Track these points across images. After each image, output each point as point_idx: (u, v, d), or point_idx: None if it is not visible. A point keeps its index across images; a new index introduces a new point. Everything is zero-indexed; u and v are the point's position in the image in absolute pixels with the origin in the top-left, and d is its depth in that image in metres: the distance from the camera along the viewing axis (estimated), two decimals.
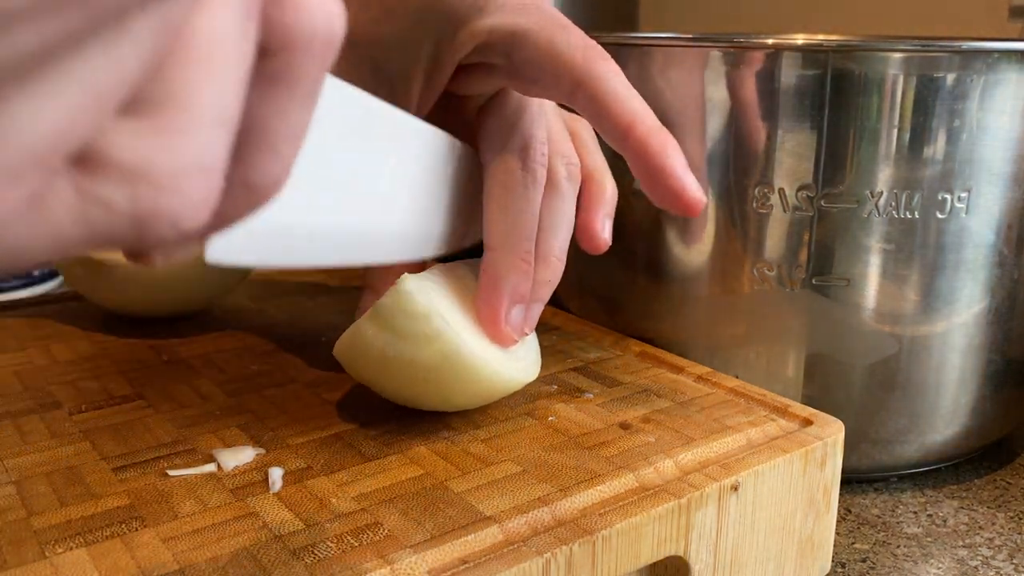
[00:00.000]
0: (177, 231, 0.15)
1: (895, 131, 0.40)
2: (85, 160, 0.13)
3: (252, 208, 0.17)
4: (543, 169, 0.35)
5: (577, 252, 0.37)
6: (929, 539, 0.41)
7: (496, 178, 0.35)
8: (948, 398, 0.44)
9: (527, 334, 0.36)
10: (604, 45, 0.49)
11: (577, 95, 0.32)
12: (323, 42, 0.17)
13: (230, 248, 0.20)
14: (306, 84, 0.17)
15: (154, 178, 0.14)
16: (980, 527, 0.42)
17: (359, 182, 0.27)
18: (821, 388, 0.43)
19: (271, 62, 0.16)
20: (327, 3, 0.17)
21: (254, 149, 0.16)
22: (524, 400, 0.38)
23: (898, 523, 0.42)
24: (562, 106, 0.37)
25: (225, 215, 0.16)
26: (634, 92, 0.32)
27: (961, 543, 0.40)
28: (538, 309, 0.36)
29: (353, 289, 0.54)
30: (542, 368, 0.41)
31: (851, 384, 0.43)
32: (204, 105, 0.14)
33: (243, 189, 0.16)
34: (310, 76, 0.17)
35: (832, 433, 0.35)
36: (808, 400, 0.43)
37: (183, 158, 0.14)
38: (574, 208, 0.37)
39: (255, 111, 0.16)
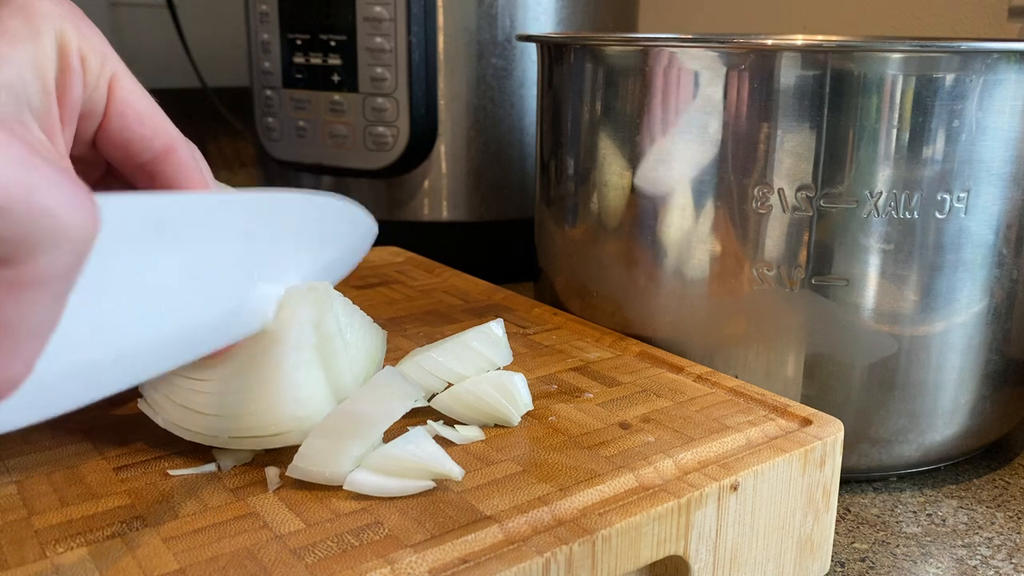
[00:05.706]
0: None
1: (894, 131, 0.40)
2: None
3: None
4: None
5: (576, 252, 0.37)
6: (928, 539, 0.41)
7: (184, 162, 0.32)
8: (947, 398, 0.44)
9: None
10: (604, 45, 0.49)
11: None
12: (74, 241, 0.15)
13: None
14: (54, 285, 0.15)
15: None
16: (979, 527, 0.42)
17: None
18: (820, 388, 0.43)
19: (8, 270, 0.15)
20: (74, 202, 0.15)
21: None
22: None
23: (897, 523, 0.42)
24: None
25: None
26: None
27: (960, 543, 0.41)
28: None
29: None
30: (542, 368, 0.41)
31: (850, 384, 0.43)
32: None
33: None
34: (59, 276, 0.15)
35: (831, 433, 0.35)
36: (807, 400, 0.43)
37: None
38: None
39: None
